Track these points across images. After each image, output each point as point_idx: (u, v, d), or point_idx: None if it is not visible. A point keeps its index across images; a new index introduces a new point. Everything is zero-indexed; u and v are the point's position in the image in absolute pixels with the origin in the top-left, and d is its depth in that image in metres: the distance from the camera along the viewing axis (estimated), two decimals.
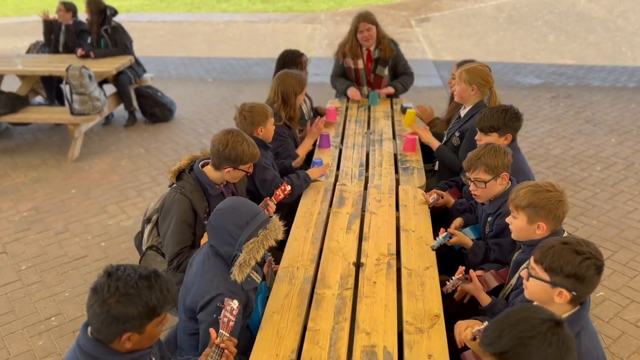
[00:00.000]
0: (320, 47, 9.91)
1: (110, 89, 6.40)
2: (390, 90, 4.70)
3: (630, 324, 3.31)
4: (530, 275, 1.86)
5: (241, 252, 2.06)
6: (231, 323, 1.98)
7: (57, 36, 6.44)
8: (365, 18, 4.57)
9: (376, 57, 4.68)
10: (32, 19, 12.46)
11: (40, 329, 3.34)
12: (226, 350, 1.92)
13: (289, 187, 3.07)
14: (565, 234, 2.26)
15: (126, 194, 4.91)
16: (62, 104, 6.61)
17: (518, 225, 2.31)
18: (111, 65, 5.96)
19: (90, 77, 5.46)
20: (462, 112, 3.56)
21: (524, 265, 2.25)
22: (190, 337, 2.24)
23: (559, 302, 1.80)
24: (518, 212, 2.29)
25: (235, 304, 2.04)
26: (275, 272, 2.50)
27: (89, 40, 6.31)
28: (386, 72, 4.72)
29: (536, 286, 1.84)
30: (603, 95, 7.24)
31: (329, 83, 5.00)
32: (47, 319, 3.42)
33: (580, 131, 6.11)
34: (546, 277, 1.80)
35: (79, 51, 6.13)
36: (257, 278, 2.27)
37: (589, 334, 1.85)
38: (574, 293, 1.77)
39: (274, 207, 2.98)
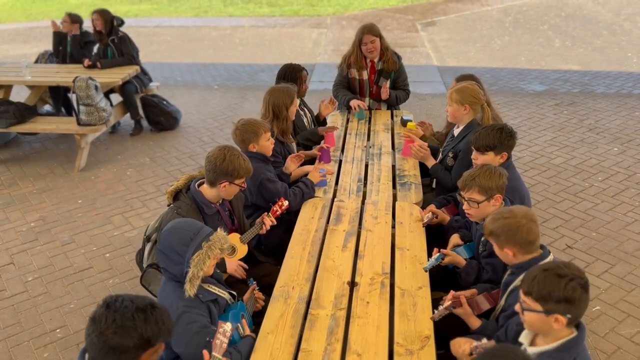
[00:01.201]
0: (326, 52, 9.96)
1: (116, 98, 6.50)
2: (387, 94, 4.72)
3: (625, 339, 3.33)
4: (523, 309, 1.91)
5: (190, 267, 2.17)
6: (224, 345, 2.05)
7: (65, 47, 6.56)
8: (369, 30, 4.62)
9: (379, 68, 4.73)
10: (41, 24, 12.63)
11: (45, 340, 3.43)
12: None
13: (286, 203, 3.14)
14: (550, 256, 2.30)
15: (131, 205, 5.00)
16: (69, 112, 6.73)
17: (495, 250, 2.39)
18: (117, 75, 6.06)
19: (96, 88, 5.56)
20: (456, 132, 3.61)
21: (511, 287, 2.30)
22: None
23: (557, 328, 1.85)
24: (491, 239, 2.37)
25: (228, 326, 2.11)
26: (256, 299, 2.58)
27: (95, 51, 6.41)
28: (388, 84, 4.77)
29: (532, 318, 1.88)
30: (607, 102, 7.23)
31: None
32: (53, 330, 3.51)
33: (582, 140, 6.12)
34: (538, 307, 1.85)
35: (86, 62, 6.24)
36: (222, 293, 2.37)
37: None
38: (569, 316, 1.82)
39: (272, 222, 3.04)
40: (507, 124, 3.15)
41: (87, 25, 6.56)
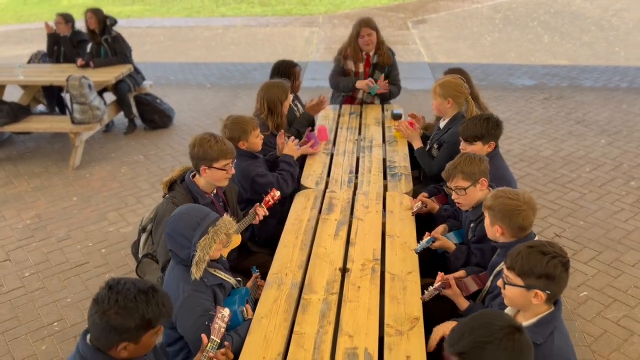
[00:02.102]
0: (318, 51, 10.03)
1: (110, 97, 6.54)
2: (386, 89, 4.79)
3: (612, 323, 3.42)
4: (505, 283, 1.99)
5: (196, 251, 2.24)
6: (222, 329, 2.12)
7: (59, 47, 6.59)
8: (367, 24, 4.71)
9: (375, 62, 4.80)
10: (32, 26, 12.62)
11: (43, 334, 3.47)
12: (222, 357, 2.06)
13: (278, 193, 3.20)
14: (535, 239, 2.38)
15: (126, 201, 5.04)
16: (63, 112, 6.76)
17: (486, 223, 2.47)
18: (110, 74, 6.10)
19: (90, 86, 5.60)
20: (442, 124, 3.70)
21: (497, 269, 2.38)
22: (171, 346, 2.40)
23: (536, 304, 1.92)
24: (486, 212, 2.44)
25: (226, 311, 2.18)
26: (259, 287, 2.64)
27: (88, 50, 6.45)
28: (382, 77, 4.84)
29: (513, 292, 1.96)
30: (595, 95, 7.34)
31: (326, 87, 5.12)
32: (50, 324, 3.56)
33: (570, 132, 6.22)
34: (520, 281, 1.93)
35: (79, 61, 6.27)
36: (228, 278, 2.45)
37: (561, 335, 1.98)
38: (548, 292, 1.90)
39: (264, 212, 3.10)
40: (493, 114, 3.23)
41: (80, 25, 6.60)
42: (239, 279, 2.58)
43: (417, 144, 3.84)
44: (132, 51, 6.59)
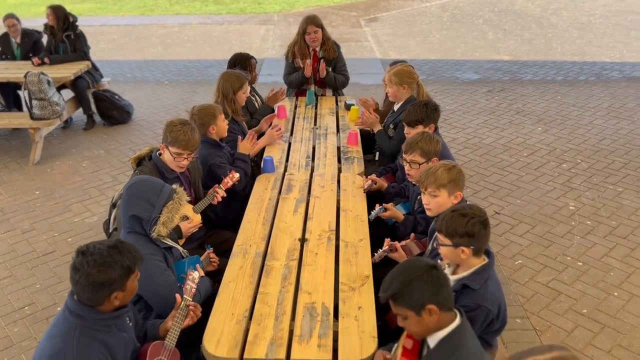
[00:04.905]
0: (274, 47, 10.28)
1: (68, 93, 6.59)
2: (324, 71, 5.02)
3: (542, 285, 3.84)
4: (439, 244, 2.32)
5: (162, 213, 2.48)
6: (193, 290, 2.36)
7: (12, 50, 6.61)
8: (312, 21, 5.01)
9: (321, 56, 5.11)
10: None
11: (15, 317, 3.60)
12: (191, 313, 2.30)
13: (237, 175, 3.43)
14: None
15: (89, 193, 5.16)
16: (20, 109, 6.76)
17: (440, 201, 2.72)
18: (69, 70, 6.17)
19: (49, 82, 5.67)
20: (396, 107, 4.04)
21: (436, 233, 2.71)
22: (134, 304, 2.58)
23: (465, 258, 2.26)
24: (440, 190, 2.71)
25: (196, 274, 2.42)
26: (210, 261, 2.83)
27: (44, 46, 6.49)
28: (330, 70, 5.15)
29: (445, 251, 2.30)
30: (533, 88, 7.90)
31: (281, 83, 5.40)
32: (21, 308, 3.68)
33: (511, 122, 6.71)
34: (448, 241, 2.27)
35: (35, 60, 6.31)
36: (176, 245, 2.68)
37: (493, 282, 2.33)
38: (472, 247, 2.23)
39: (223, 193, 3.32)
40: (432, 99, 3.59)
41: (37, 25, 6.62)
42: (186, 251, 2.80)
43: (377, 128, 4.17)
44: (90, 49, 6.67)
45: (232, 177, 3.40)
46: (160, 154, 3.11)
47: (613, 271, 3.97)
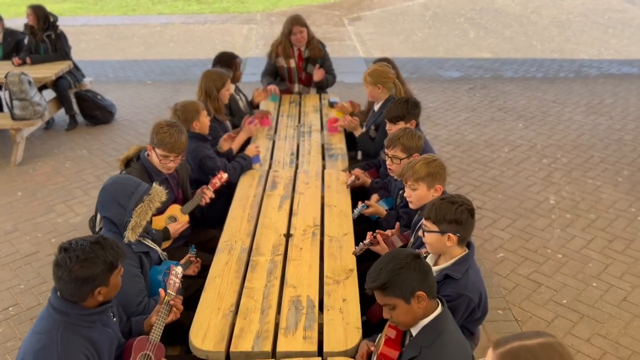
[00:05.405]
0: (257, 47, 10.27)
1: (50, 94, 6.53)
2: (321, 75, 5.11)
3: (523, 278, 3.92)
4: (424, 231, 2.37)
5: (132, 217, 2.45)
6: (177, 284, 2.38)
7: None
8: (298, 21, 5.03)
9: (306, 56, 5.14)
10: None
11: None
12: (174, 308, 2.32)
13: (225, 175, 3.45)
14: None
15: (73, 194, 5.13)
16: (0, 110, 6.67)
17: (420, 194, 2.79)
18: (50, 70, 6.12)
19: (30, 82, 5.61)
20: (376, 107, 4.09)
21: (419, 225, 2.76)
22: None
23: (450, 246, 2.31)
24: (418, 183, 2.78)
25: (179, 269, 2.44)
26: (191, 262, 2.79)
27: (25, 46, 6.42)
28: (317, 67, 5.18)
29: (431, 238, 2.34)
30: (514, 85, 8.02)
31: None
32: (5, 309, 3.66)
33: (492, 118, 6.81)
34: (435, 228, 2.32)
35: (15, 60, 6.24)
36: (155, 247, 2.65)
37: (474, 271, 2.39)
38: (459, 235, 2.29)
39: (211, 195, 3.34)
40: (413, 96, 3.64)
41: (17, 25, 6.56)
42: (165, 253, 2.77)
43: (359, 132, 4.20)
44: (71, 49, 6.62)
45: (221, 178, 3.41)
46: (148, 155, 3.11)
47: (592, 262, 4.07)
